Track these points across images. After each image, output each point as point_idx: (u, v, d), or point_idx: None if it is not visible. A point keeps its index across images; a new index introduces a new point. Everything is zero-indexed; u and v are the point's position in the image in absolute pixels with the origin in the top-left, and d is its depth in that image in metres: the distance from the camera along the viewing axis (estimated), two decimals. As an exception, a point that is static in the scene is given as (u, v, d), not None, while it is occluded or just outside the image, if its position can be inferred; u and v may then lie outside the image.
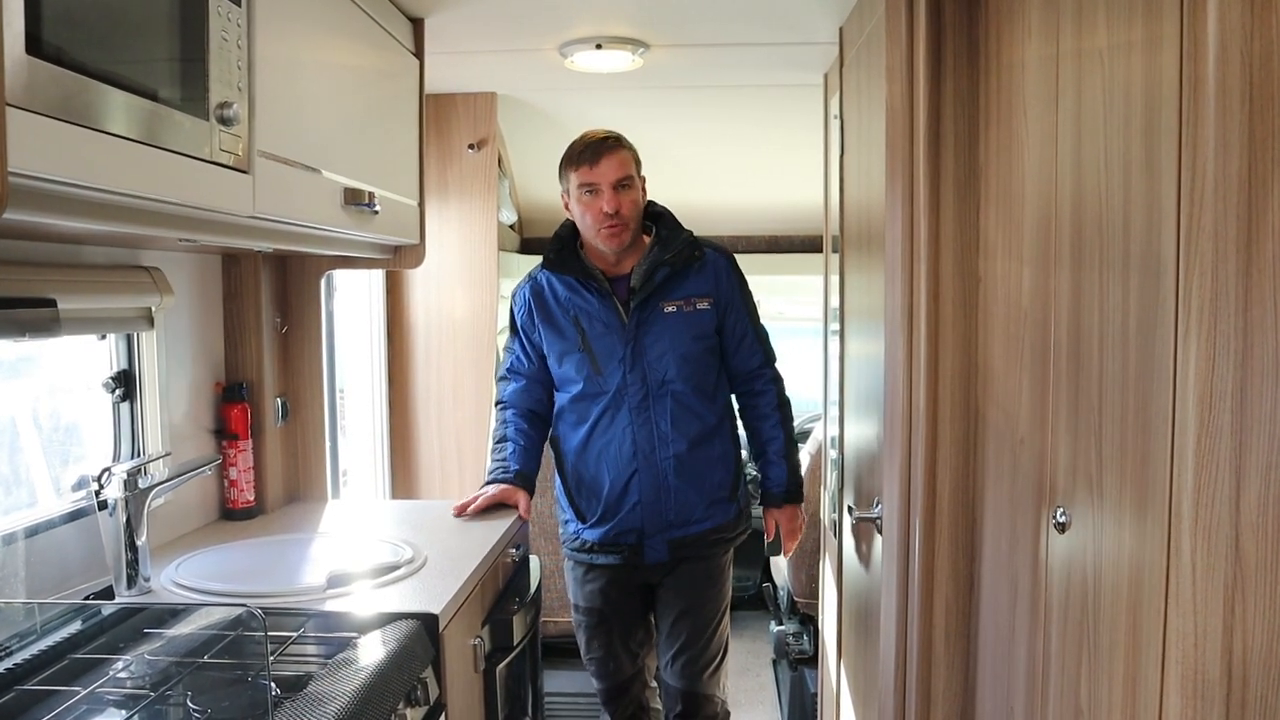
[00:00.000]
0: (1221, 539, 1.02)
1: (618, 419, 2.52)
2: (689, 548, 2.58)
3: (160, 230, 1.50)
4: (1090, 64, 1.31)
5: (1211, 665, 1.04)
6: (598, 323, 2.52)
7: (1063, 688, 1.40)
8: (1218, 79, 0.99)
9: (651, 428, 2.51)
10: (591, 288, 2.53)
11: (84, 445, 2.11)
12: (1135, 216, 1.16)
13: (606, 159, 2.44)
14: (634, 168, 2.51)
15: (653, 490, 2.53)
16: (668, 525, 2.55)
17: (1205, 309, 1.01)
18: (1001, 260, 1.70)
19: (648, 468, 2.52)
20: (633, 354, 2.50)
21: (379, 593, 1.87)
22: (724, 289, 2.57)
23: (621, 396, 2.51)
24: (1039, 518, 1.49)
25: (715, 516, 2.59)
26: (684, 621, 2.64)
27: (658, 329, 2.50)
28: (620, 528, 2.56)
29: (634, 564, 2.58)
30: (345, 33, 2.07)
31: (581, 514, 2.62)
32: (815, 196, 3.10)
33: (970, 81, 1.81)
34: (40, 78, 1.06)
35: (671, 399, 2.51)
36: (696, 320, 2.53)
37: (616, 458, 2.53)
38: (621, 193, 2.45)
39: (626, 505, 2.54)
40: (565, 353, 2.56)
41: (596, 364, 2.52)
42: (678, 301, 2.52)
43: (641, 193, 2.53)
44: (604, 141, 2.46)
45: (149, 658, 1.54)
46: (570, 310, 2.55)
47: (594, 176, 2.44)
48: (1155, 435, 1.10)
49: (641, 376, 2.50)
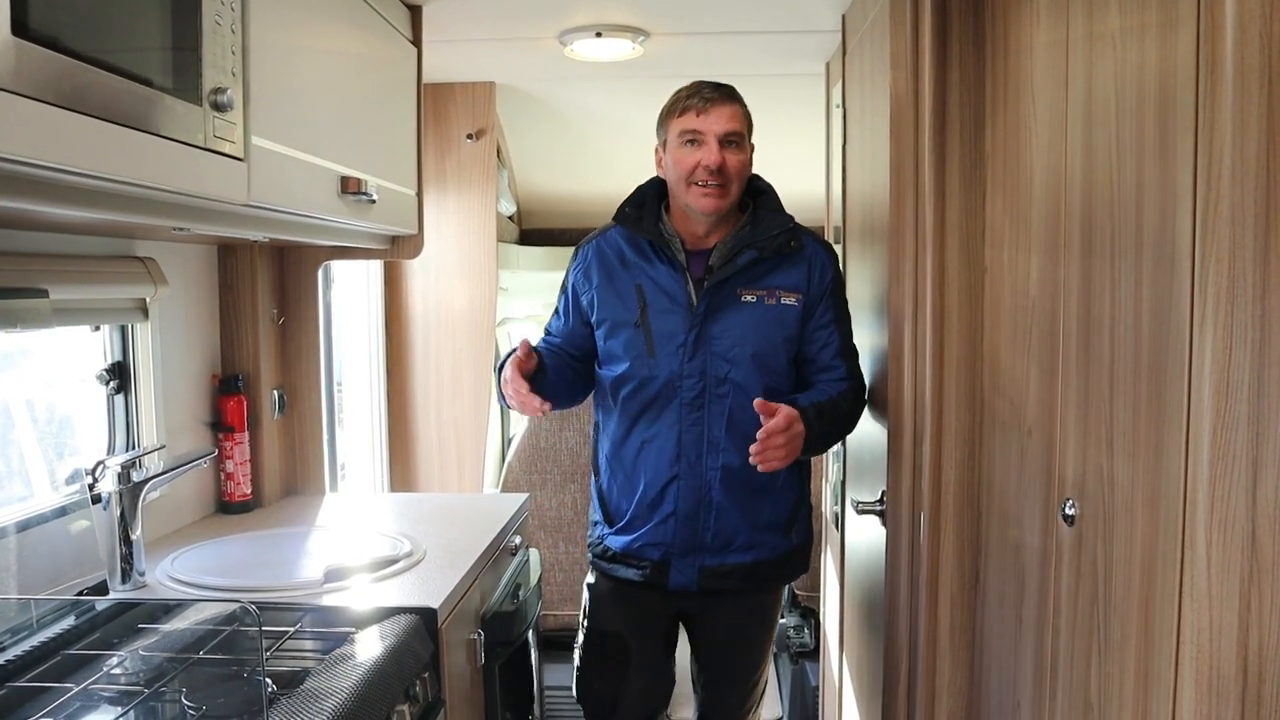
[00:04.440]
0: (1237, 532, 1.00)
1: (665, 414, 2.15)
2: (723, 579, 2.19)
3: (153, 219, 1.48)
4: (1102, 47, 1.28)
5: (1227, 661, 1.01)
6: (662, 296, 2.16)
7: (1071, 682, 1.38)
8: (1236, 61, 0.96)
9: (702, 429, 2.14)
10: (664, 256, 2.17)
11: (78, 438, 2.09)
12: (1148, 202, 1.14)
13: (717, 108, 2.09)
14: (746, 126, 2.15)
15: (691, 503, 2.15)
16: (701, 548, 2.17)
17: (1222, 296, 0.99)
18: (1009, 249, 1.67)
19: (690, 476, 2.14)
20: (696, 340, 2.12)
21: (377, 587, 1.85)
22: (816, 287, 2.18)
23: (674, 388, 2.14)
24: (1047, 509, 1.47)
25: (762, 548, 2.20)
26: (719, 669, 2.34)
27: (729, 318, 2.13)
28: (646, 539, 2.20)
29: (656, 585, 2.21)
30: (342, 19, 2.04)
31: (610, 516, 2.28)
32: (817, 187, 3.08)
33: (976, 68, 1.79)
34: (29, 61, 1.03)
35: (732, 400, 2.12)
36: (778, 316, 2.15)
37: (656, 458, 2.17)
38: (728, 149, 2.09)
39: (659, 515, 2.18)
40: (618, 324, 2.19)
41: (651, 344, 2.14)
42: (759, 291, 2.14)
43: (750, 160, 2.17)
44: (717, 88, 2.12)
45: (143, 654, 1.52)
46: (635, 276, 2.19)
47: (700, 124, 2.08)
48: (1169, 426, 1.08)
49: (701, 368, 2.12)
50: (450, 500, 2.79)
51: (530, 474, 3.77)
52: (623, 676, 2.31)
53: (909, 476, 1.94)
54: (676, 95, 2.16)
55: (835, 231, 2.81)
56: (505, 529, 2.34)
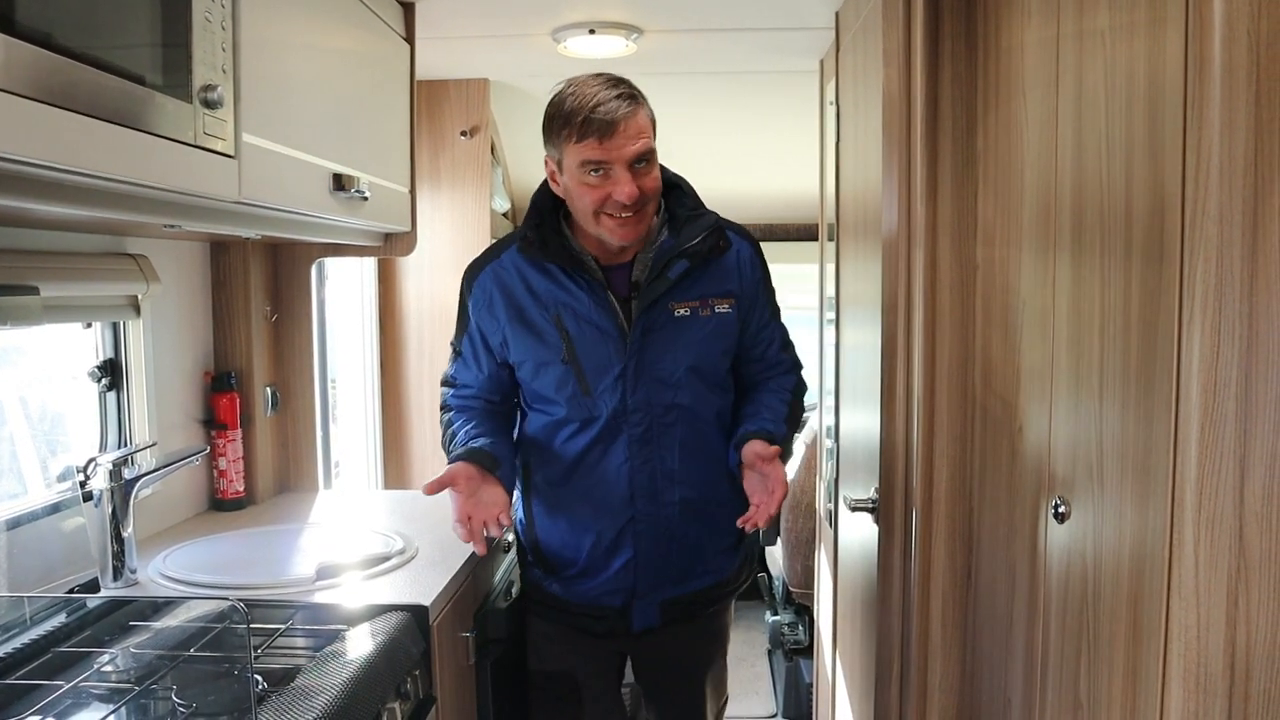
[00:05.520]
0: (1225, 529, 1.00)
1: (612, 452, 1.92)
2: (683, 607, 2.03)
3: (144, 216, 1.48)
4: (1092, 45, 1.28)
5: (1214, 658, 1.02)
6: (588, 326, 1.89)
7: (1061, 679, 1.39)
8: (1223, 59, 0.97)
9: (655, 466, 1.92)
10: (581, 279, 1.89)
11: (70, 435, 2.08)
12: (1138, 201, 1.14)
13: (623, 128, 1.76)
14: (652, 132, 1.84)
15: (652, 543, 1.95)
16: (664, 583, 1.99)
17: (1210, 294, 0.99)
18: (1000, 247, 1.68)
19: (648, 515, 1.93)
20: (635, 370, 1.88)
21: (369, 584, 1.85)
22: (748, 286, 1.98)
23: (618, 425, 1.90)
24: (1038, 507, 1.48)
25: (719, 570, 2.06)
26: (676, 693, 2.18)
27: (665, 338, 1.90)
28: (605, 589, 1.98)
29: (617, 630, 2.02)
30: (334, 15, 2.04)
31: (549, 565, 2.03)
32: (811, 184, 3.08)
33: (968, 65, 1.79)
34: (17, 58, 1.03)
35: (683, 428, 1.92)
36: (715, 327, 1.93)
37: (607, 503, 1.94)
38: (641, 172, 1.80)
39: (617, 562, 1.96)
40: (542, 364, 1.92)
41: (584, 382, 1.89)
42: (691, 302, 1.91)
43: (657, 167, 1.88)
44: (618, 96, 1.78)
45: (134, 651, 1.51)
46: (551, 307, 1.90)
47: (605, 154, 1.76)
48: (1158, 424, 1.08)
49: (646, 400, 1.89)
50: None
51: (524, 471, 3.76)
52: (579, 716, 2.10)
53: (901, 473, 1.94)
54: (564, 106, 1.80)
55: (829, 229, 2.81)
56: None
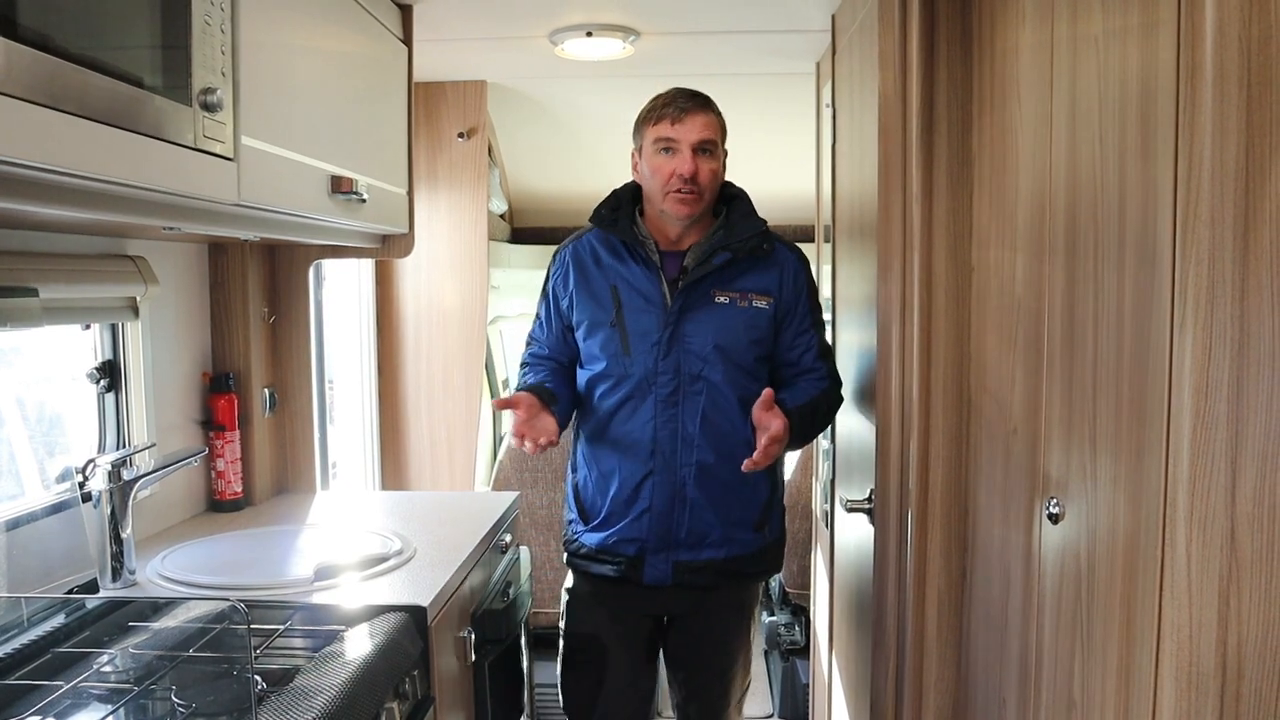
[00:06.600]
0: (1217, 530, 1.01)
1: (640, 410, 2.19)
2: (697, 574, 2.22)
3: (143, 218, 1.48)
4: (1085, 49, 1.29)
5: (1206, 657, 1.03)
6: (637, 296, 2.20)
7: (1056, 679, 1.40)
8: (1215, 64, 0.97)
9: (677, 426, 2.18)
10: (639, 256, 2.21)
11: (68, 436, 2.09)
12: (1130, 204, 1.15)
13: (692, 117, 2.14)
14: (720, 134, 2.21)
15: (666, 499, 2.19)
16: (676, 544, 2.21)
17: (1202, 297, 1.00)
18: (995, 249, 1.69)
19: (664, 471, 2.18)
20: (670, 339, 2.17)
21: (367, 585, 1.86)
22: (789, 291, 2.23)
23: (649, 385, 2.18)
24: (1032, 508, 1.48)
25: (734, 544, 2.23)
26: (698, 666, 2.37)
27: (703, 317, 2.18)
28: (622, 535, 2.23)
29: (631, 580, 2.24)
30: (332, 18, 2.05)
31: (585, 513, 2.30)
32: (807, 186, 3.09)
33: (964, 68, 1.80)
34: (18, 61, 1.04)
35: (705, 398, 2.17)
36: (749, 317, 2.20)
37: (632, 455, 2.21)
38: (702, 157, 2.15)
39: (634, 511, 2.21)
40: (595, 324, 2.23)
41: (626, 343, 2.19)
42: (732, 293, 2.20)
43: (723, 166, 2.23)
44: (693, 97, 2.18)
45: (133, 651, 1.52)
46: (610, 277, 2.24)
47: (674, 133, 2.14)
48: (1150, 425, 1.09)
49: (675, 366, 2.17)
50: (441, 498, 2.79)
51: (522, 472, 3.77)
52: (601, 681, 2.31)
53: (896, 475, 1.95)
54: (653, 102, 2.21)
55: (825, 230, 2.82)
56: (496, 527, 2.34)
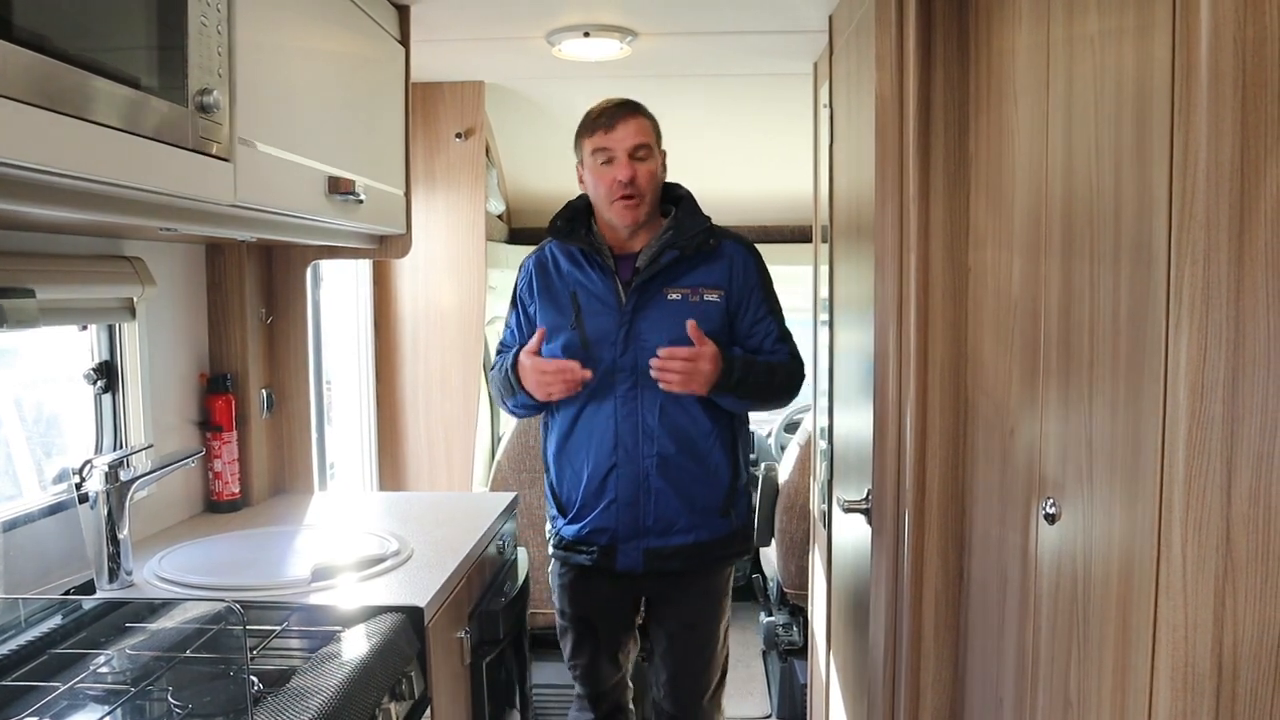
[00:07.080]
0: (1212, 530, 1.01)
1: (603, 407, 2.34)
2: (668, 560, 2.38)
3: (140, 219, 1.48)
4: (1081, 50, 1.29)
5: (1202, 657, 1.03)
6: (594, 300, 2.35)
7: (1052, 679, 1.40)
8: (1210, 65, 0.98)
9: (637, 420, 2.33)
10: (595, 262, 2.36)
11: (65, 437, 2.09)
12: (1126, 205, 1.15)
13: (623, 124, 2.28)
14: (653, 137, 2.33)
15: (631, 490, 2.34)
16: (644, 532, 2.36)
17: (1197, 298, 1.00)
18: (991, 249, 1.69)
19: (628, 463, 2.34)
20: (625, 337, 2.31)
21: (364, 585, 1.85)
22: (739, 284, 2.37)
23: (610, 382, 2.32)
24: (1028, 508, 1.49)
25: (702, 530, 2.38)
26: (677, 642, 2.51)
27: (656, 315, 2.32)
28: (594, 525, 2.38)
29: (606, 568, 2.40)
30: (329, 19, 2.04)
31: (562, 508, 2.46)
32: (805, 186, 3.09)
33: (960, 69, 1.80)
34: (14, 63, 1.03)
35: (664, 393, 2.30)
36: (701, 311, 2.31)
37: (597, 449, 2.35)
38: (638, 162, 2.28)
39: (602, 502, 2.36)
40: (556, 329, 2.37)
41: (587, 344, 2.33)
42: (683, 289, 2.33)
43: (661, 167, 2.36)
44: (621, 106, 2.32)
45: (130, 652, 1.52)
46: (569, 284, 2.38)
47: (608, 142, 2.28)
48: (1146, 426, 1.09)
49: (633, 363, 2.30)
50: (439, 499, 2.79)
51: (519, 472, 3.77)
52: (596, 645, 2.53)
53: (894, 475, 1.95)
54: (586, 116, 2.36)
55: (823, 231, 2.82)
56: (493, 527, 2.34)
